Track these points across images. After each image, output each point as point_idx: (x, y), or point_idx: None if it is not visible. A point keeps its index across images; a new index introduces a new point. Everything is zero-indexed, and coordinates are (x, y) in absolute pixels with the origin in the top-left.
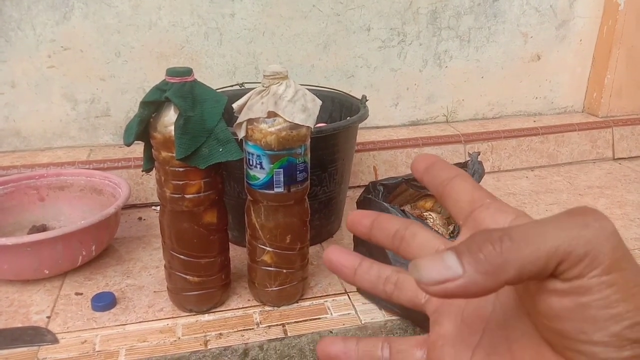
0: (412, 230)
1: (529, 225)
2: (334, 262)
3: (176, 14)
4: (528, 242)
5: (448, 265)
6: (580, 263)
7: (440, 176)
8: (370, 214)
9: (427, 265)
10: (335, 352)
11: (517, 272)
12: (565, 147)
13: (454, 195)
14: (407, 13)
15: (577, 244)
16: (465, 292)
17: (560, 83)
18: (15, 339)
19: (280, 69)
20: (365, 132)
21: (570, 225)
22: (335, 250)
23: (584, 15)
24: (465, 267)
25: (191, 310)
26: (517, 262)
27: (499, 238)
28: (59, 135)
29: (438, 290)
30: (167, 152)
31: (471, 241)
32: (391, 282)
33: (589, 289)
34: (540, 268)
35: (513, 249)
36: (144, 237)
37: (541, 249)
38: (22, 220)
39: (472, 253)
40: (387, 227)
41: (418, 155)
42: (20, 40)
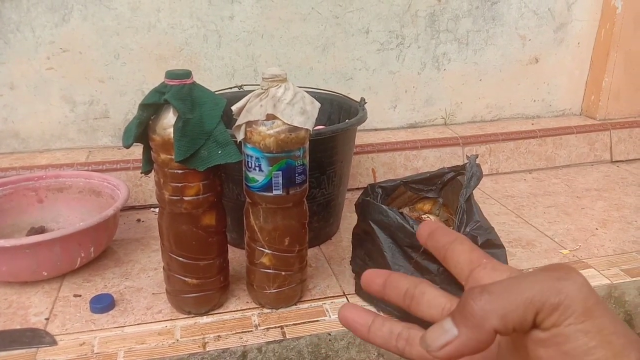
0: (421, 289)
1: (508, 280)
2: (349, 319)
3: (175, 16)
4: (506, 294)
5: (446, 330)
6: (555, 312)
7: (441, 241)
8: (383, 274)
9: (431, 334)
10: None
11: (500, 321)
12: (563, 149)
13: (455, 258)
14: (406, 16)
15: (550, 294)
16: (465, 348)
17: (558, 86)
18: (14, 340)
19: (279, 71)
20: (364, 134)
21: (544, 278)
22: (350, 308)
23: (581, 18)
24: (459, 327)
25: (189, 313)
26: (497, 312)
27: (479, 293)
28: (57, 137)
29: (444, 354)
30: (166, 154)
31: (460, 303)
32: (403, 338)
33: (567, 337)
34: (520, 317)
35: (492, 301)
36: (142, 239)
37: (518, 299)
38: (20, 222)
39: (460, 312)
40: (398, 286)
41: (422, 223)
42: (20, 42)
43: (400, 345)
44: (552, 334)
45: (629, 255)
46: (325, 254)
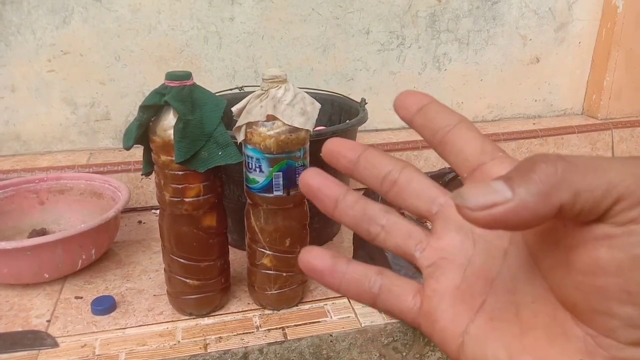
0: (407, 175)
1: (590, 157)
2: (313, 187)
3: (176, 18)
4: (589, 168)
5: (495, 190)
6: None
7: (439, 120)
8: (357, 146)
9: (472, 191)
10: (321, 267)
11: (572, 196)
12: (564, 149)
13: (458, 144)
14: (406, 16)
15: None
16: (516, 216)
17: (559, 85)
18: (15, 342)
19: (279, 72)
20: (365, 135)
21: (638, 165)
22: (317, 175)
23: (582, 17)
24: (516, 190)
25: (191, 314)
26: (573, 184)
27: (555, 158)
28: (58, 139)
29: (484, 216)
30: (166, 156)
31: (522, 164)
32: (377, 223)
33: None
34: (596, 199)
35: (571, 170)
36: (143, 241)
37: (602, 177)
38: (21, 224)
39: (524, 174)
40: (376, 166)
41: (405, 91)
42: (20, 45)
43: (373, 230)
44: (627, 231)
45: None
46: None
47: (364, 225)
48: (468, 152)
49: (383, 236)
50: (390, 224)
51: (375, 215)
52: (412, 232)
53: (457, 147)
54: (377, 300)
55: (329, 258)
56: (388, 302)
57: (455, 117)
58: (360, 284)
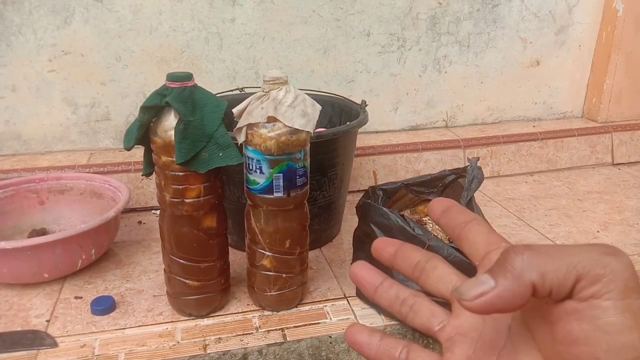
0: (432, 264)
1: (553, 245)
2: (359, 276)
3: (177, 19)
4: (550, 254)
5: (482, 281)
6: (597, 283)
7: (457, 219)
8: (395, 243)
9: (465, 284)
10: (360, 340)
11: (540, 277)
12: (564, 152)
13: (471, 238)
14: (407, 18)
15: (596, 265)
16: (500, 300)
17: (559, 88)
18: (15, 342)
19: (280, 74)
20: (365, 136)
21: (591, 249)
22: (362, 266)
23: (582, 21)
24: (497, 279)
25: (190, 315)
26: (539, 267)
27: (522, 248)
28: (59, 139)
29: (477, 304)
30: (167, 157)
31: (500, 257)
32: (407, 305)
33: (604, 311)
34: (560, 278)
35: (536, 256)
36: (143, 241)
37: (562, 261)
38: (21, 224)
39: (501, 265)
40: (409, 257)
41: (436, 199)
42: (21, 45)
43: (404, 311)
44: (589, 305)
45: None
46: (326, 256)
47: (396, 307)
48: (478, 244)
49: (412, 316)
50: (418, 305)
51: (406, 298)
52: (435, 312)
53: (470, 240)
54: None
55: (367, 333)
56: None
57: (471, 215)
58: (391, 355)
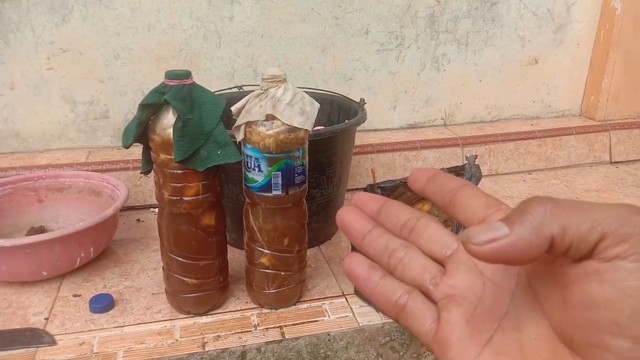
0: (424, 222)
1: (580, 201)
2: (346, 222)
3: (175, 17)
4: (575, 207)
5: (495, 227)
6: (625, 242)
7: (447, 185)
8: (379, 198)
9: (476, 229)
10: (358, 273)
11: (560, 229)
12: (562, 150)
13: (466, 202)
14: (406, 17)
15: (625, 223)
16: (514, 249)
17: (557, 87)
18: (13, 340)
19: (279, 72)
20: (364, 134)
21: (620, 208)
22: (350, 211)
23: (581, 19)
24: (513, 227)
25: (189, 313)
26: (562, 219)
27: (546, 199)
28: (57, 137)
29: (486, 249)
30: (165, 155)
31: (518, 206)
32: (397, 256)
33: (630, 272)
34: (583, 234)
35: (559, 208)
36: (142, 239)
37: (587, 215)
38: (20, 222)
39: (519, 213)
40: (396, 215)
41: (417, 169)
42: (19, 42)
43: (392, 263)
44: (614, 266)
45: None
46: (324, 254)
47: (384, 258)
48: (475, 207)
49: (401, 268)
50: (409, 257)
51: (396, 249)
52: (428, 266)
53: (465, 204)
54: (400, 317)
55: (367, 267)
56: (409, 321)
57: (461, 181)
58: (389, 297)
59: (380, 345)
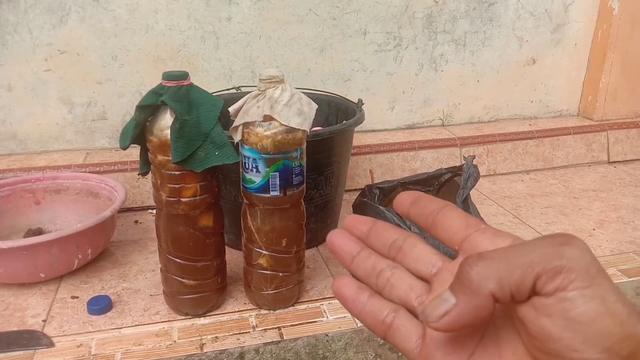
0: (410, 242)
1: (507, 247)
2: (336, 245)
3: (173, 18)
4: (504, 259)
5: (444, 299)
6: (558, 275)
7: (429, 207)
8: (368, 221)
9: (429, 305)
10: (346, 295)
11: (497, 285)
12: (560, 150)
13: (447, 222)
14: (403, 17)
15: (552, 258)
16: (463, 316)
17: (555, 87)
18: (11, 342)
19: (276, 72)
20: (362, 135)
21: (545, 244)
22: (339, 235)
23: (578, 19)
24: (457, 295)
25: (187, 314)
26: (494, 275)
27: (475, 259)
28: (55, 138)
29: (443, 324)
30: (163, 156)
31: (457, 272)
32: (384, 277)
33: (573, 302)
34: (518, 280)
35: (488, 265)
36: (140, 241)
37: (516, 263)
38: (18, 224)
39: (458, 280)
40: (384, 236)
41: (401, 193)
42: (17, 44)
43: (380, 283)
44: (557, 299)
45: (626, 256)
46: (322, 255)
47: (373, 278)
48: (455, 227)
49: (388, 288)
50: (395, 277)
51: (383, 269)
52: (414, 285)
53: (446, 225)
54: (387, 335)
55: (355, 289)
56: (396, 338)
57: (442, 202)
58: (376, 316)
59: (378, 346)
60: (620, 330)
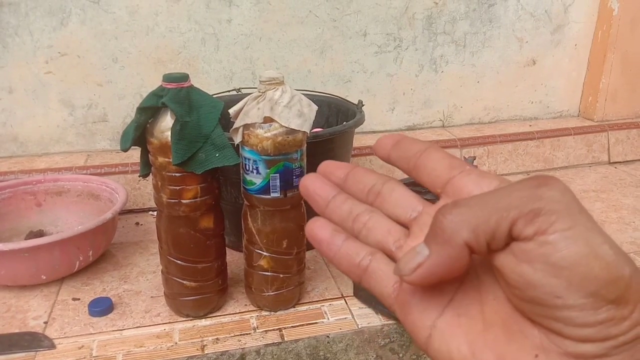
0: (390, 186)
1: (483, 194)
2: (310, 189)
3: (173, 20)
4: (479, 206)
5: (418, 252)
6: (537, 218)
7: (411, 149)
8: (346, 166)
9: (402, 259)
10: (320, 237)
11: (471, 233)
12: (561, 151)
13: (430, 164)
14: (403, 18)
15: (529, 200)
16: (437, 267)
17: (555, 87)
18: (13, 344)
19: (276, 74)
20: (362, 136)
21: (521, 187)
22: (313, 178)
23: (578, 20)
24: (430, 246)
25: (188, 315)
26: (468, 223)
27: (449, 207)
28: (56, 140)
29: (416, 276)
30: (163, 158)
31: (432, 221)
32: (361, 221)
33: (555, 245)
34: (493, 227)
35: (462, 213)
36: (141, 243)
37: (492, 209)
38: (19, 226)
39: (431, 231)
40: (362, 181)
41: (382, 136)
42: (18, 46)
43: (356, 227)
44: (537, 243)
45: None
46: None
47: (349, 223)
48: (438, 169)
49: (365, 232)
50: (373, 221)
51: (360, 214)
52: (392, 229)
53: (429, 167)
54: (363, 279)
55: (330, 230)
56: (372, 282)
57: (425, 144)
58: (352, 259)
59: (379, 347)
60: (607, 273)
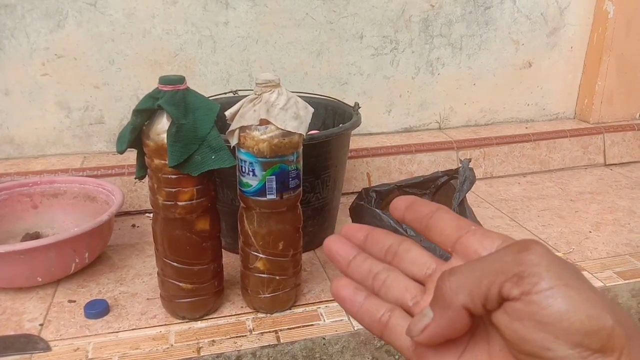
0: (405, 246)
1: (475, 260)
2: (333, 250)
3: (170, 22)
4: (472, 272)
5: (424, 314)
6: (522, 281)
7: (422, 211)
8: (365, 228)
9: (412, 321)
10: (344, 295)
11: (468, 297)
12: (557, 153)
13: (440, 225)
14: (400, 21)
15: (512, 265)
16: (441, 329)
17: (551, 90)
18: (8, 346)
19: (272, 77)
20: (359, 138)
21: (506, 253)
22: (336, 240)
23: (574, 23)
24: (434, 310)
25: (184, 318)
26: (465, 288)
27: (448, 274)
28: (52, 142)
29: (424, 337)
30: (159, 160)
31: (435, 287)
32: (380, 279)
33: (539, 304)
34: (485, 290)
35: (459, 279)
36: (137, 245)
37: (482, 274)
38: (15, 228)
39: (434, 296)
40: (381, 241)
41: (396, 198)
42: (14, 49)
43: (376, 285)
44: (524, 302)
45: (622, 258)
46: (320, 258)
47: (369, 281)
48: (447, 229)
49: (384, 290)
50: (391, 279)
51: (379, 272)
52: (409, 286)
53: (439, 227)
54: (384, 334)
55: (352, 289)
56: (392, 337)
57: (435, 206)
58: (373, 315)
59: (375, 349)
60: (587, 326)
